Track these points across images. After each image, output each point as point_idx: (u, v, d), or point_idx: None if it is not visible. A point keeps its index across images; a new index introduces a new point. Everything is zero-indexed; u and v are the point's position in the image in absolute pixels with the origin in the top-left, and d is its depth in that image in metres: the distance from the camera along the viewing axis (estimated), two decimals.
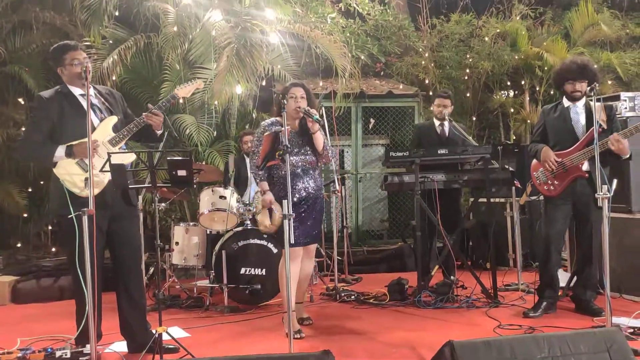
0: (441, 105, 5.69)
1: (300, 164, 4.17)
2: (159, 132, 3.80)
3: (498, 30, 8.88)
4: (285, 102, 3.94)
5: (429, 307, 4.85)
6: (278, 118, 4.18)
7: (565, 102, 4.55)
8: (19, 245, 7.47)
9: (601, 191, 3.58)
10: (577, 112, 4.49)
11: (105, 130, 3.59)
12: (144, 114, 3.66)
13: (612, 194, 3.58)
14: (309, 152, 4.21)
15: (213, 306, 5.09)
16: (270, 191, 4.16)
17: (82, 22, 6.62)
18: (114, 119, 3.65)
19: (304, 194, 4.17)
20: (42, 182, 6.99)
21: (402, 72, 8.67)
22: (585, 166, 4.36)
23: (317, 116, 4.03)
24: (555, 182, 4.47)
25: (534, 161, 4.64)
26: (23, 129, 7.01)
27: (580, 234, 4.59)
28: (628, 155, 4.30)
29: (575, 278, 4.72)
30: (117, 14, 6.77)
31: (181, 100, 3.82)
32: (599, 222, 4.30)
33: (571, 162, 4.37)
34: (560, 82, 4.55)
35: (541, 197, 4.71)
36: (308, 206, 4.20)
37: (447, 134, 5.72)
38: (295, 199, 4.08)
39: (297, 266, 4.21)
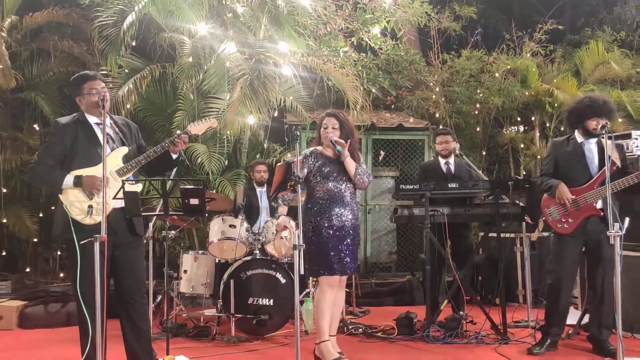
0: (443, 142, 5.64)
1: (336, 190, 4.19)
2: (175, 156, 3.79)
3: (508, 67, 8.95)
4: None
5: (438, 342, 4.80)
6: (318, 147, 4.31)
7: (579, 138, 4.47)
8: (27, 269, 7.50)
9: (613, 229, 3.55)
10: (591, 149, 4.41)
11: (114, 160, 3.61)
12: (172, 138, 3.72)
13: (624, 232, 3.55)
14: (344, 180, 4.24)
15: (220, 336, 5.06)
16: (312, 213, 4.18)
17: (99, 51, 6.72)
18: (124, 150, 3.67)
19: (339, 222, 4.15)
20: (52, 208, 7.04)
21: (413, 105, 8.74)
22: (599, 204, 4.30)
23: (339, 147, 4.15)
24: (570, 220, 4.37)
25: (545, 196, 4.54)
26: (37, 154, 7.11)
27: (592, 273, 4.48)
28: None
29: (587, 317, 4.65)
30: (134, 44, 6.88)
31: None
32: (612, 260, 4.28)
33: (585, 201, 4.31)
34: (582, 118, 4.39)
35: (552, 234, 4.65)
36: (343, 235, 4.17)
37: (452, 172, 5.65)
38: (327, 224, 4.11)
39: (333, 295, 4.16)
